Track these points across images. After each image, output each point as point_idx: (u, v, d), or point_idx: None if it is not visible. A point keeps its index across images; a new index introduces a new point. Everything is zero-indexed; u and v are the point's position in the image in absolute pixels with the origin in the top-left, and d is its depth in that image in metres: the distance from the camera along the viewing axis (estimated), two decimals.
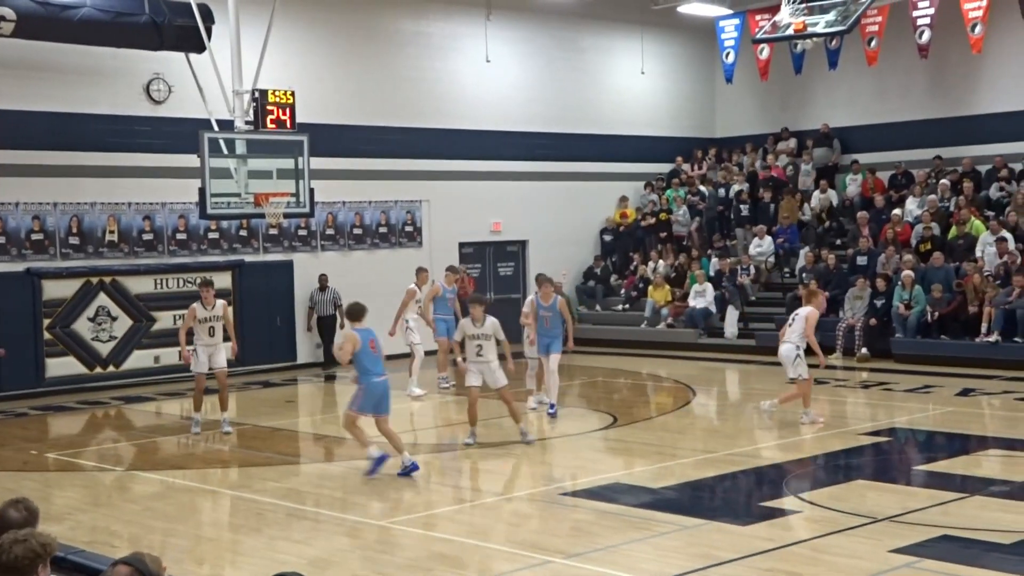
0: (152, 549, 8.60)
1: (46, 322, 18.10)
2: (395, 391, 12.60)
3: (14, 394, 17.45)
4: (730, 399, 17.48)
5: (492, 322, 12.88)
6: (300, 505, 10.47)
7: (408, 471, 11.40)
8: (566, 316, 14.95)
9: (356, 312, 11.56)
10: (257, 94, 16.43)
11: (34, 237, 18.15)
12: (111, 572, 4.05)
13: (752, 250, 23.01)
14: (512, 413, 13.10)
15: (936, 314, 18.96)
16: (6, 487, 11.04)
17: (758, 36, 19.42)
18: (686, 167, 26.02)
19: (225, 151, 15.81)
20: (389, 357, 17.55)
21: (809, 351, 13.88)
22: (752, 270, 22.54)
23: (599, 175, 25.10)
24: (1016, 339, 18.14)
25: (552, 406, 14.68)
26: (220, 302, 14.24)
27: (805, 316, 13.74)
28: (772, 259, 22.82)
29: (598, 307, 24.20)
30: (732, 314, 21.67)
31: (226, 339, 14.29)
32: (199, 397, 14.18)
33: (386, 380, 11.48)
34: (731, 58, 23.49)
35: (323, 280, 20.51)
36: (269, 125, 16.49)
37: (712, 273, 22.63)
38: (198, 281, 15.40)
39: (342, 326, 18.62)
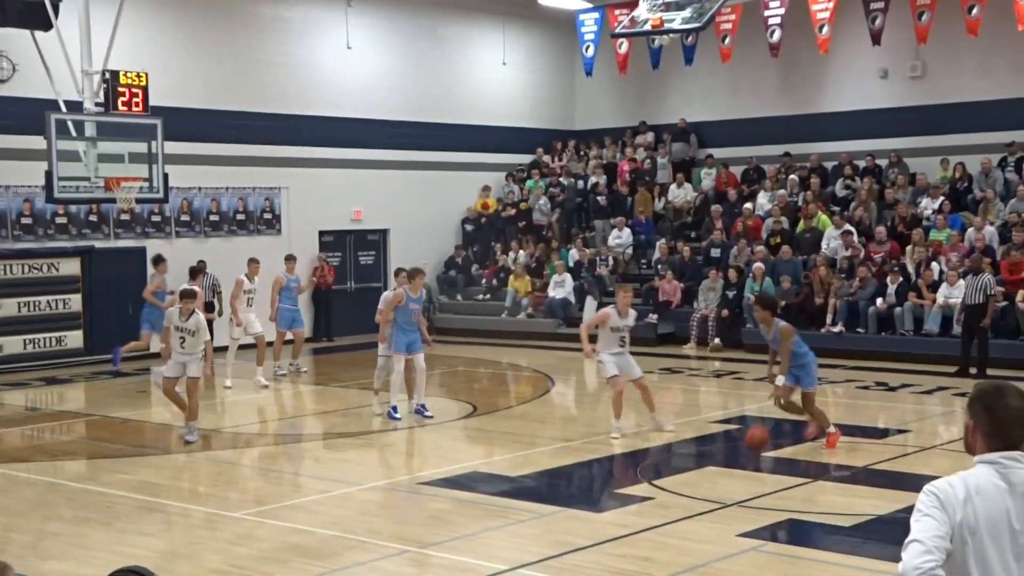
0: None
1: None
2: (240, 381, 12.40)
3: None
4: (588, 388, 17.74)
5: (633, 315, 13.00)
6: (152, 497, 10.23)
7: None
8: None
9: None
10: (108, 75, 15.89)
11: None
12: None
13: (611, 241, 23.39)
14: (648, 402, 12.94)
15: (784, 305, 19.60)
16: None
17: (617, 30, 19.71)
18: (546, 158, 26.27)
19: (74, 133, 15.25)
20: (243, 347, 17.41)
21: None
22: (611, 261, 22.91)
23: (461, 165, 25.14)
24: (859, 330, 18.91)
25: (424, 406, 13.95)
26: (198, 317, 12.85)
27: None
28: (630, 250, 23.24)
29: (459, 296, 24.27)
30: (591, 304, 21.94)
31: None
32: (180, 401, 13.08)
33: None
34: (591, 51, 23.79)
35: (201, 265, 19.72)
36: (121, 107, 15.95)
37: (571, 264, 22.93)
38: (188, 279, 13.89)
39: (220, 313, 18.27)
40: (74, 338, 19.23)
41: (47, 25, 16.28)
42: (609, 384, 12.82)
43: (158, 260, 18.28)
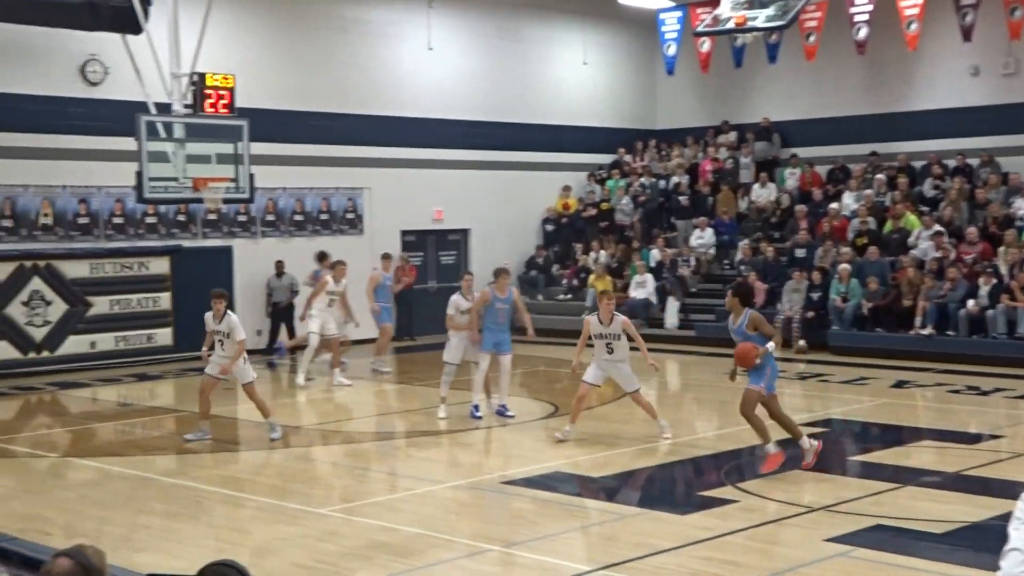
0: (87, 537, 8.48)
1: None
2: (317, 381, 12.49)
3: None
4: (670, 389, 17.61)
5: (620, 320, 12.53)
6: (239, 493, 10.38)
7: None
8: (521, 308, 14.11)
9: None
10: (196, 77, 16.19)
11: None
12: (52, 565, 3.98)
13: (693, 241, 23.21)
14: (648, 411, 12.64)
15: (871, 307, 19.27)
16: None
17: (699, 29, 19.56)
18: (628, 158, 26.16)
19: (163, 135, 15.56)
20: (357, 342, 17.66)
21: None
22: (693, 261, 22.73)
23: (541, 165, 25.14)
24: (948, 332, 18.50)
25: (505, 406, 13.99)
26: (231, 318, 12.69)
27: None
28: (713, 251, 23.03)
29: (540, 296, 24.26)
30: (672, 305, 21.85)
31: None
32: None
33: None
34: (672, 50, 23.65)
35: (280, 267, 20.28)
36: (208, 109, 16.26)
37: (652, 264, 22.80)
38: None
39: (302, 317, 18.39)
40: (163, 335, 19.62)
41: (137, 29, 16.65)
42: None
43: (322, 256, 18.63)
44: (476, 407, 13.86)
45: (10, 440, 13.22)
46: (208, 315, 12.83)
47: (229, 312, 12.65)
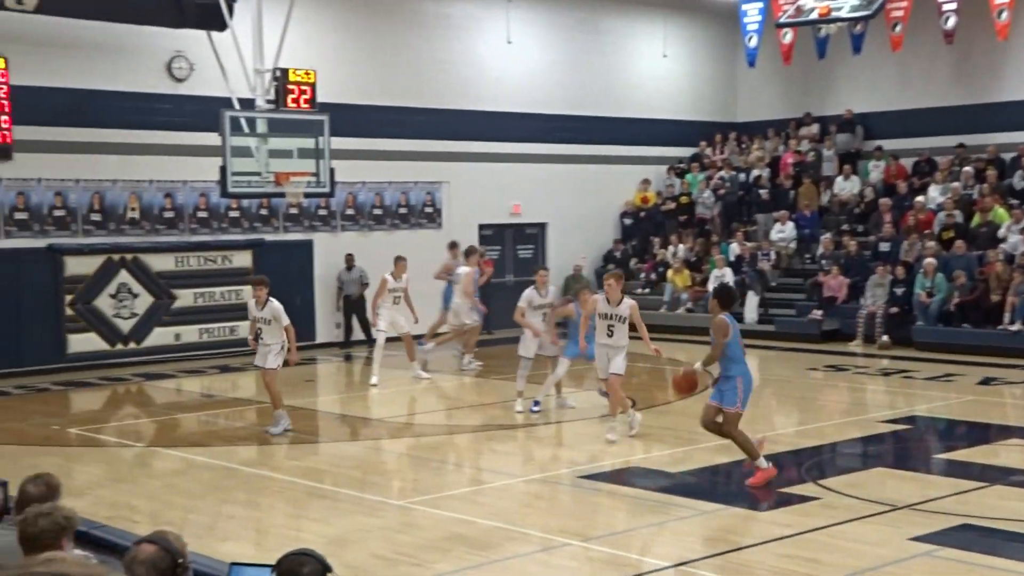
0: (172, 525, 8.64)
1: (68, 298, 18.18)
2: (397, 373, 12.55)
3: (36, 369, 17.56)
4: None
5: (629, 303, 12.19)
6: (319, 484, 10.51)
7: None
8: (638, 321, 12.46)
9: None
10: (278, 73, 16.42)
11: (56, 213, 18.21)
12: (136, 550, 4.06)
13: (774, 235, 22.92)
14: (617, 402, 12.30)
15: (958, 302, 18.85)
16: (28, 462, 11.11)
17: (781, 20, 19.34)
18: (708, 151, 25.91)
19: (246, 130, 15.81)
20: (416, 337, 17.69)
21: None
22: (773, 255, 22.45)
23: (620, 158, 25.01)
24: None
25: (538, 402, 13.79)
26: (273, 304, 12.74)
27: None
28: (793, 245, 22.72)
29: None
30: (752, 299, 21.60)
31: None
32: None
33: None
34: (754, 42, 23.34)
35: (349, 260, 20.52)
36: (290, 104, 16.48)
37: (732, 258, 22.56)
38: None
39: (372, 320, 18.48)
40: (245, 328, 19.82)
41: (222, 25, 16.95)
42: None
43: (453, 245, 18.74)
44: (536, 403, 13.77)
45: (98, 429, 13.55)
46: (251, 303, 12.83)
47: (271, 299, 12.59)
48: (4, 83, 17.24)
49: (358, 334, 20.55)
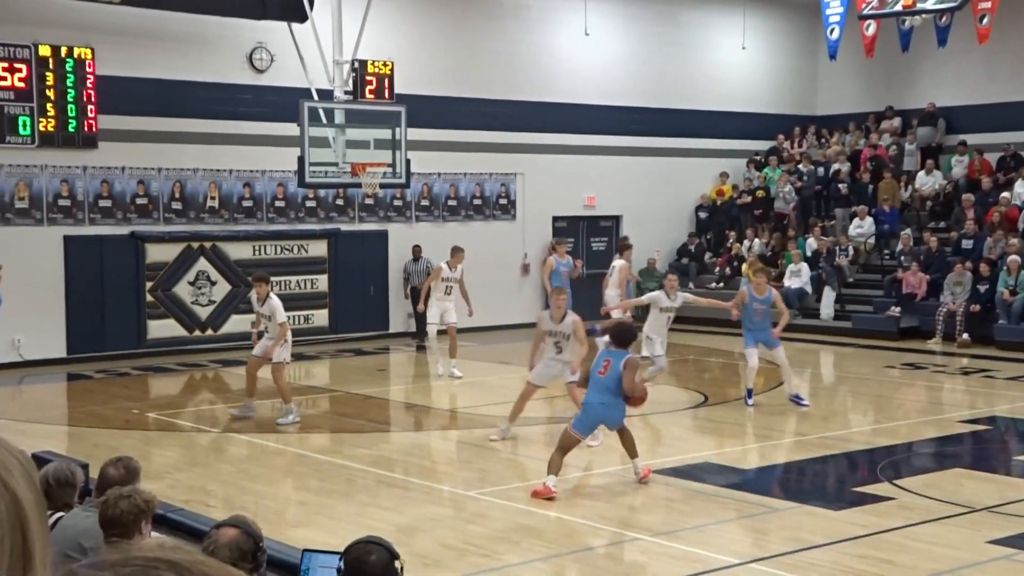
0: (246, 510, 8.78)
1: (148, 285, 18.54)
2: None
3: (117, 354, 17.95)
4: (824, 382, 17.20)
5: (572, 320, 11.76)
6: (390, 472, 10.60)
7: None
8: (780, 307, 13.67)
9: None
10: (357, 64, 16.56)
11: (139, 201, 18.58)
12: (217, 534, 4.14)
13: (852, 231, 22.56)
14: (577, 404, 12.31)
15: None
16: (109, 444, 11.37)
17: (865, 12, 18.98)
18: (785, 144, 25.58)
19: (324, 120, 15.97)
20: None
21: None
22: (851, 251, 22.10)
23: (695, 151, 24.80)
24: None
25: (799, 396, 13.52)
26: (273, 301, 12.99)
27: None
28: (872, 240, 22.35)
29: (691, 284, 23.92)
30: (828, 295, 21.30)
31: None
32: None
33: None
34: (835, 34, 22.92)
35: (417, 251, 20.63)
36: (368, 95, 16.62)
37: (808, 253, 22.26)
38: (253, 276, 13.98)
39: (420, 308, 18.54)
40: (320, 317, 20.15)
41: (303, 17, 17.13)
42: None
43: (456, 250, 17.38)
44: (749, 392, 13.59)
45: (176, 415, 13.80)
46: (252, 296, 13.29)
47: (271, 295, 12.91)
48: (91, 74, 17.62)
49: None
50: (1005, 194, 21.08)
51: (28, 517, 1.18)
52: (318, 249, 20.17)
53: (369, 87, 16.61)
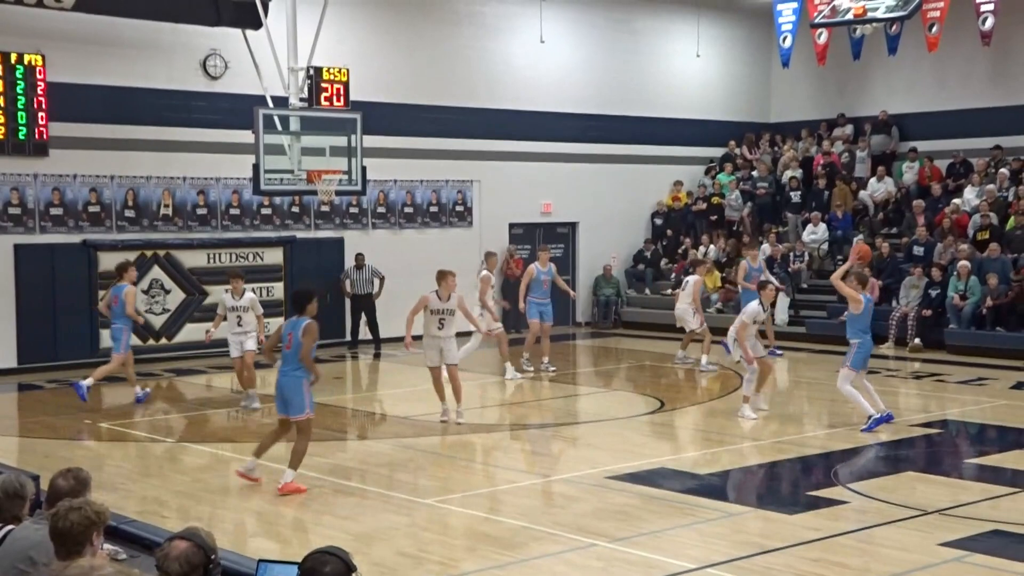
0: (201, 521, 8.71)
1: (101, 293, 18.30)
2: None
3: (69, 364, 17.72)
4: (778, 386, 17.33)
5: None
6: (346, 481, 10.55)
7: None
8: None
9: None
10: (312, 71, 16.50)
11: (91, 209, 18.37)
12: (169, 547, 4.09)
13: (806, 237, 22.78)
14: (455, 391, 13.24)
15: (991, 305, 18.67)
16: (60, 455, 11.23)
17: (816, 20, 19.19)
18: (739, 151, 25.79)
19: (279, 128, 15.89)
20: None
21: None
22: (805, 257, 22.31)
23: (650, 158, 24.93)
24: None
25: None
26: (249, 294, 14.57)
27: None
28: (825, 246, 22.58)
29: (647, 291, 24.10)
30: (783, 301, 21.46)
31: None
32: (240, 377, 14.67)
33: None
34: (788, 42, 23.16)
35: (360, 259, 20.52)
36: (323, 102, 16.56)
37: (763, 259, 22.40)
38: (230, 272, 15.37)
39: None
40: (276, 324, 19.94)
41: (257, 24, 17.05)
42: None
43: (490, 255, 17.90)
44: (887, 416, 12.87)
45: (129, 424, 13.66)
46: (225, 295, 14.25)
47: (247, 290, 14.26)
48: (41, 80, 17.42)
49: (365, 334, 20.52)
50: (955, 200, 21.38)
51: None
52: (274, 256, 20.05)
53: (324, 94, 16.55)
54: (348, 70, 17.01)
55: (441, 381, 13.26)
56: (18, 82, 17.27)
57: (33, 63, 17.38)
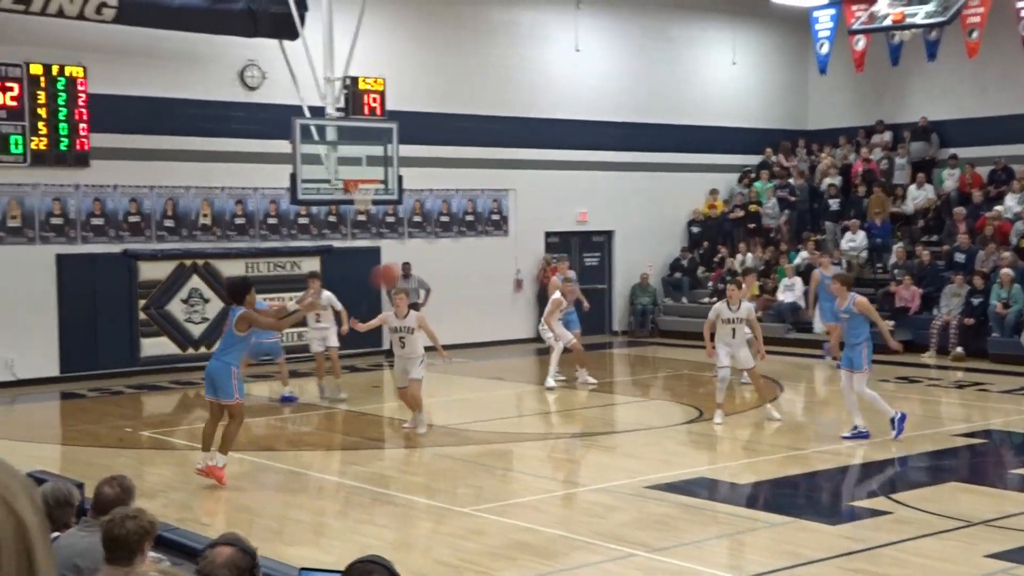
0: (240, 528, 8.74)
1: (141, 303, 18.50)
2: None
3: (110, 373, 17.89)
4: (818, 395, 17.20)
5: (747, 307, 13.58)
6: (384, 490, 10.56)
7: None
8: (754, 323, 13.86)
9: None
10: (348, 81, 16.58)
11: (131, 219, 18.54)
12: (213, 553, 4.11)
13: (844, 244, 22.61)
14: (416, 404, 13.10)
15: None
16: (102, 463, 11.33)
17: (854, 27, 19.09)
18: (775, 159, 25.64)
19: (316, 137, 15.98)
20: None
21: None
22: (844, 264, 22.13)
23: (687, 166, 24.85)
24: None
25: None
26: (326, 293, 15.34)
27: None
28: (865, 254, 22.39)
29: (684, 299, 23.99)
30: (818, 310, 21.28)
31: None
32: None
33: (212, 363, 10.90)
34: (825, 49, 23.05)
35: (406, 268, 20.56)
36: (360, 112, 16.63)
37: (802, 267, 22.28)
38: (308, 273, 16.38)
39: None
40: (312, 334, 20.03)
41: (294, 35, 17.16)
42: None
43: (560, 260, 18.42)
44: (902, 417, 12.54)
45: (169, 433, 13.75)
46: (388, 313, 14.05)
47: (412, 311, 14.47)
48: (83, 92, 17.62)
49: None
50: (997, 207, 21.15)
51: (33, 541, 1.19)
52: (311, 266, 20.09)
53: (361, 104, 16.62)
54: (384, 80, 17.08)
55: (408, 398, 13.14)
56: (60, 94, 17.47)
57: (75, 75, 17.57)
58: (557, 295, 16.72)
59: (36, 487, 1.25)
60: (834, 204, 23.58)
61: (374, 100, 16.89)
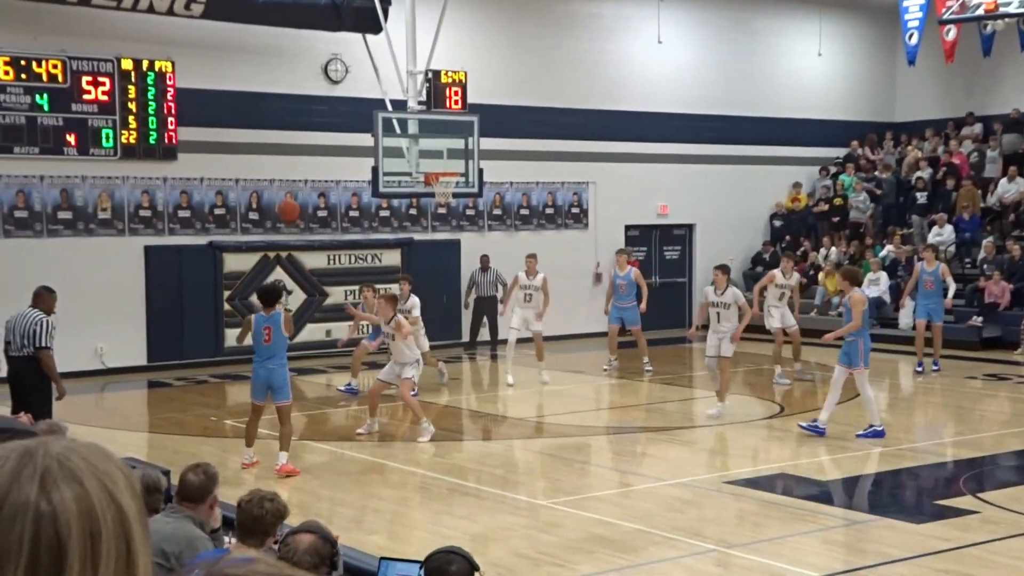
0: (320, 517, 8.84)
1: (226, 294, 18.81)
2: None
3: (195, 362, 18.23)
4: (903, 392, 16.88)
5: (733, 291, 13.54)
6: (463, 481, 10.61)
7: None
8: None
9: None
10: (430, 75, 16.66)
11: (217, 211, 18.87)
12: (295, 540, 4.17)
13: (932, 239, 22.14)
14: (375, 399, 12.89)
15: None
16: (188, 451, 11.56)
17: (945, 16, 18.67)
18: (861, 152, 25.19)
19: (398, 131, 16.07)
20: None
21: None
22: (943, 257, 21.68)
23: (770, 159, 24.53)
24: None
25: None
26: (414, 298, 15.38)
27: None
28: (952, 248, 21.91)
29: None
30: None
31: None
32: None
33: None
34: (914, 39, 22.56)
35: (484, 260, 20.61)
36: (442, 105, 16.70)
37: (887, 262, 21.88)
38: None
39: (501, 313, 18.66)
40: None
41: (377, 28, 17.29)
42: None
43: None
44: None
45: None
46: (396, 293, 14.55)
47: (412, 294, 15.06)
48: (171, 86, 17.96)
49: (484, 335, 20.55)
50: None
51: (132, 527, 1.22)
52: (391, 258, 20.30)
53: (443, 97, 16.69)
54: (466, 73, 17.13)
55: (378, 397, 12.91)
56: (149, 88, 17.83)
57: (163, 70, 17.92)
58: (518, 272, 16.86)
59: (135, 476, 1.29)
60: (921, 198, 23.11)
61: (456, 93, 16.95)
